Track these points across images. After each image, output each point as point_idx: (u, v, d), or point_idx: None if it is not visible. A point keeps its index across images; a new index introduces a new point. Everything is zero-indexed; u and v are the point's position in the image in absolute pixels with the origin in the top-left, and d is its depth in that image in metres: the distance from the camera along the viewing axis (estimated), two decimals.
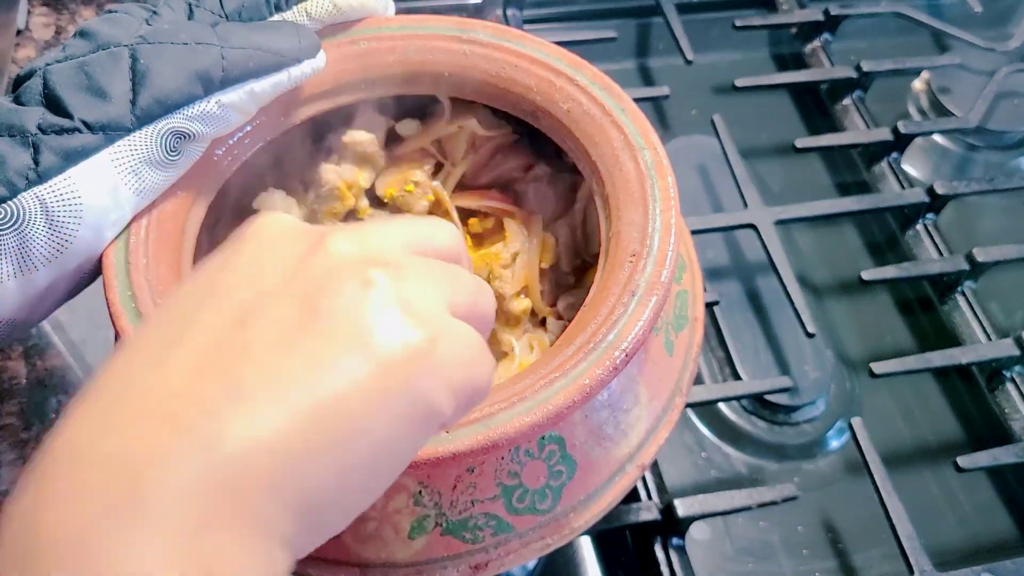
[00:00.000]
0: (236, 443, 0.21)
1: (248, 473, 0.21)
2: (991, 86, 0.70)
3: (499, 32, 0.44)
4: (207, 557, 0.21)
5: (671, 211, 0.38)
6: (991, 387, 0.58)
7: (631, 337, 0.35)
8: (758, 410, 0.58)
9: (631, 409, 0.38)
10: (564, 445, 0.37)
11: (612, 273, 0.37)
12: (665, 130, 0.72)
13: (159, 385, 0.22)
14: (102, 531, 0.20)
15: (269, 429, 0.22)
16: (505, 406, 0.33)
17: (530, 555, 0.37)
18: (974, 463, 0.52)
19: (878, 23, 0.77)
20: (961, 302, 0.61)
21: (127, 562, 0.20)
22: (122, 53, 0.36)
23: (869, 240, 0.68)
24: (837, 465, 0.57)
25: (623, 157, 0.40)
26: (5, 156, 0.34)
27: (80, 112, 0.35)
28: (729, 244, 0.65)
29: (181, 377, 0.23)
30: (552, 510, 0.37)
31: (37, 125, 0.35)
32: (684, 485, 0.55)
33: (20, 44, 0.64)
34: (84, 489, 0.21)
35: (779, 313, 0.61)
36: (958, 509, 0.56)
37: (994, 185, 0.65)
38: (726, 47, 0.77)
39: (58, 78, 0.35)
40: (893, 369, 0.55)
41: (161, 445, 0.21)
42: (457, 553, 0.36)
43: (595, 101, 0.41)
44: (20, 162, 0.34)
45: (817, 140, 0.67)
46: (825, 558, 0.54)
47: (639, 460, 0.39)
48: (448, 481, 0.35)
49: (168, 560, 0.20)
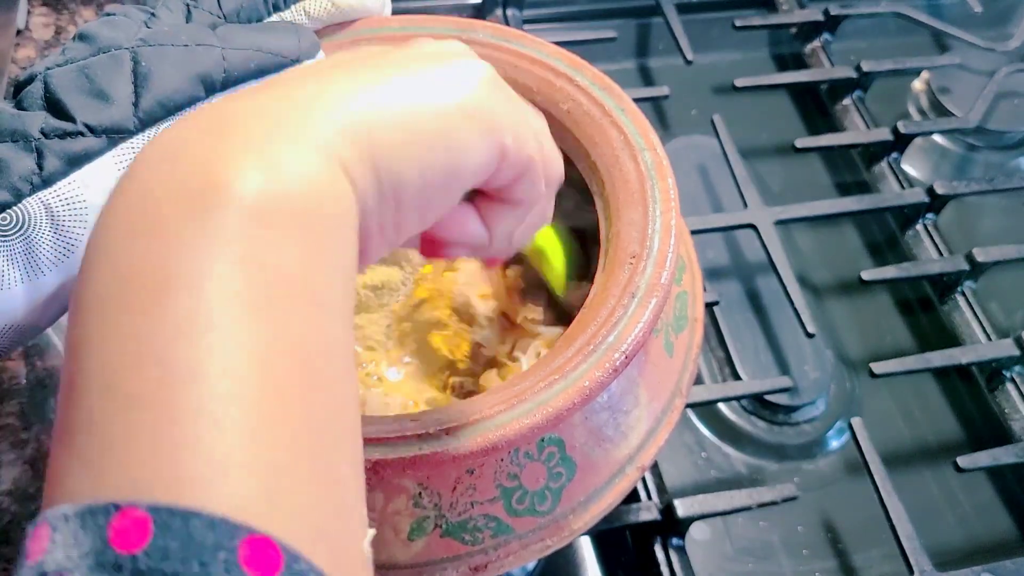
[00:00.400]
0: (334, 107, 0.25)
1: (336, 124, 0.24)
2: (991, 86, 0.70)
3: (499, 32, 0.44)
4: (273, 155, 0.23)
5: (671, 212, 0.38)
6: (991, 387, 0.58)
7: (631, 339, 0.35)
8: (758, 410, 0.58)
9: (631, 410, 0.38)
10: (564, 447, 0.37)
11: (612, 274, 0.37)
12: (665, 130, 0.72)
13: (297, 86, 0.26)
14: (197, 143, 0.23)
15: (362, 103, 0.25)
16: (505, 408, 0.33)
17: (530, 556, 0.37)
18: (974, 463, 0.52)
19: (878, 23, 0.77)
20: (961, 302, 0.61)
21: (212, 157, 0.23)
22: (123, 56, 0.36)
23: (869, 240, 0.68)
24: (837, 465, 0.57)
25: (623, 157, 0.40)
26: (9, 162, 0.34)
27: (82, 115, 0.35)
28: (729, 244, 0.65)
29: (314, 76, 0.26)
30: (552, 512, 0.37)
31: (40, 130, 0.35)
32: (684, 485, 0.55)
33: (20, 44, 0.64)
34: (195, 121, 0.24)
35: (779, 313, 0.61)
36: (958, 509, 0.56)
37: (994, 185, 0.65)
38: (726, 47, 0.77)
39: (59, 82, 0.35)
40: (893, 369, 0.55)
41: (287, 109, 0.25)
42: (457, 554, 0.36)
43: (595, 101, 0.41)
44: (24, 167, 0.34)
45: (817, 140, 0.67)
46: (825, 558, 0.54)
47: (639, 461, 0.39)
48: (448, 483, 0.35)
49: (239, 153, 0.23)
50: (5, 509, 0.47)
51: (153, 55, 0.36)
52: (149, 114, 0.36)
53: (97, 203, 0.35)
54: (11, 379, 0.52)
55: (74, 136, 0.35)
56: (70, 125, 0.35)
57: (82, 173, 0.35)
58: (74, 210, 0.35)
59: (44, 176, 0.34)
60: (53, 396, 0.52)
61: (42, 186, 0.34)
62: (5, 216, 0.34)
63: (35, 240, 0.34)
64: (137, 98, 0.35)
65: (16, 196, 0.34)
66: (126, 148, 0.35)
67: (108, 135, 0.35)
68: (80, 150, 0.35)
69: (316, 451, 0.22)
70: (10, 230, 0.34)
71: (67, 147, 0.34)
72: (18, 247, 0.34)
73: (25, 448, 0.49)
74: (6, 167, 0.34)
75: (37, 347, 0.53)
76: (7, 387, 0.51)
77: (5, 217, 0.34)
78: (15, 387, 0.51)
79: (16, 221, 0.34)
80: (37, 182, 0.34)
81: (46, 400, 0.51)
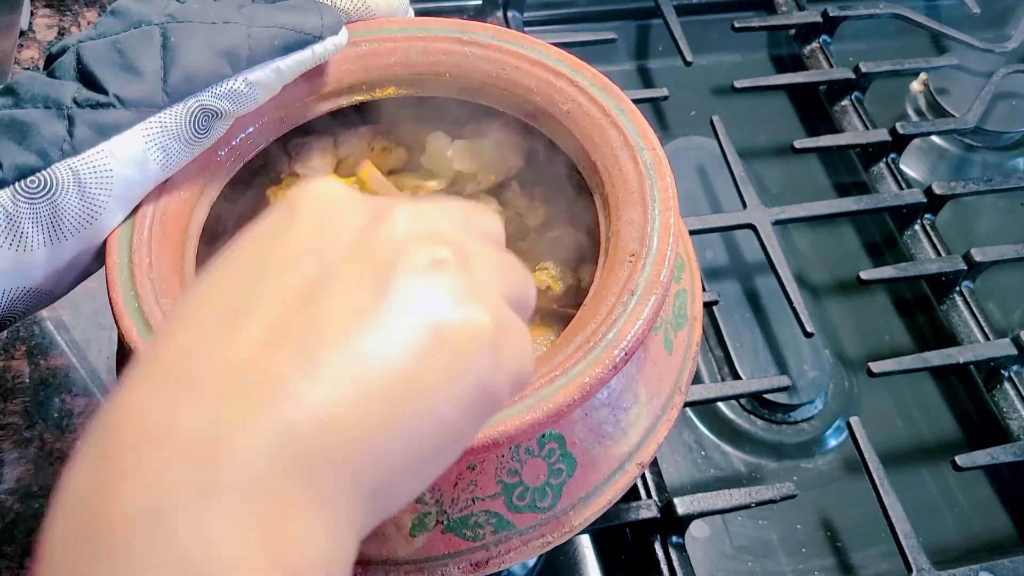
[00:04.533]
0: (311, 419, 0.21)
1: (324, 450, 0.21)
2: (989, 87, 0.71)
3: (499, 34, 0.44)
4: (287, 538, 0.20)
5: (670, 211, 0.38)
6: (989, 386, 0.59)
7: (630, 336, 0.35)
8: (757, 409, 0.58)
9: (630, 407, 0.39)
10: (564, 443, 0.37)
11: (611, 272, 0.37)
12: (664, 131, 0.72)
13: (226, 357, 0.22)
14: (178, 510, 0.19)
15: (343, 405, 0.21)
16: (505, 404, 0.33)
17: (530, 553, 0.37)
18: (972, 462, 0.52)
19: (876, 24, 0.77)
20: (959, 302, 0.61)
21: (207, 543, 0.19)
22: (153, 31, 0.37)
23: (867, 240, 0.68)
24: (835, 464, 0.58)
25: (622, 157, 0.40)
26: (39, 126, 0.35)
27: (114, 88, 0.36)
28: (728, 244, 0.65)
29: (249, 350, 0.22)
30: (552, 508, 0.37)
31: (72, 99, 0.36)
32: (683, 483, 0.56)
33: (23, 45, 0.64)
34: (155, 465, 0.20)
35: (778, 313, 0.61)
36: (956, 508, 0.56)
37: (992, 185, 0.65)
38: (725, 48, 0.77)
39: (92, 55, 0.36)
40: (891, 368, 0.56)
41: (233, 420, 0.20)
42: (458, 550, 0.36)
43: (595, 102, 0.42)
44: (54, 133, 0.35)
45: (815, 141, 0.67)
46: (824, 556, 0.54)
47: (639, 458, 0.39)
48: (449, 479, 0.36)
49: (248, 543, 0.19)
50: (8, 508, 0.48)
51: (181, 31, 0.37)
52: (176, 89, 0.36)
53: (122, 173, 0.36)
54: (15, 378, 0.52)
55: (105, 107, 0.36)
56: (102, 96, 0.36)
57: (110, 143, 0.36)
58: (101, 178, 0.35)
59: (74, 143, 0.35)
60: (56, 396, 0.52)
61: (72, 153, 0.35)
62: (34, 179, 0.35)
63: (61, 205, 0.35)
64: (165, 73, 0.36)
65: (45, 160, 0.35)
66: (154, 122, 0.36)
67: (137, 108, 0.36)
68: (111, 121, 0.36)
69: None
70: (37, 193, 0.35)
71: (98, 117, 0.35)
72: (44, 210, 0.35)
73: (28, 447, 0.50)
74: (36, 130, 0.35)
75: (40, 346, 0.53)
76: (10, 386, 0.52)
77: (34, 180, 0.35)
78: (19, 386, 0.52)
79: (44, 184, 0.35)
80: (67, 149, 0.35)
81: (49, 399, 0.52)
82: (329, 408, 0.21)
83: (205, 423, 0.20)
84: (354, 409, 0.21)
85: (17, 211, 0.35)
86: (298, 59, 0.39)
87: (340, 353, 0.22)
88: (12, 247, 0.35)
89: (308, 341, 0.22)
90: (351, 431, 0.21)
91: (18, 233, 0.35)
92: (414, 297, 0.23)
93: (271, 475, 0.20)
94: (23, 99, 0.36)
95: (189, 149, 0.38)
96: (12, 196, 0.34)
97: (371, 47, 0.44)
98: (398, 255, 0.24)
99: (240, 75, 0.38)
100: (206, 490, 0.19)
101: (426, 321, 0.23)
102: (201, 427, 0.20)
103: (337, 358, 0.22)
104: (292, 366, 0.21)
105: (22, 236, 0.35)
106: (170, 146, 0.37)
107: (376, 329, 0.22)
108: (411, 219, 0.25)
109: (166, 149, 0.37)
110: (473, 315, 0.24)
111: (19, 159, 0.34)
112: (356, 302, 0.23)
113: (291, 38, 0.39)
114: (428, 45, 0.44)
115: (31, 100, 0.36)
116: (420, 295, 0.23)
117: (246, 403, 0.21)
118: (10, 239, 0.35)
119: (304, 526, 0.20)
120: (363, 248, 0.24)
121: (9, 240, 0.35)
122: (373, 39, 0.44)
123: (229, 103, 0.38)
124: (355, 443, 0.21)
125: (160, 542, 0.19)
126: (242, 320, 0.22)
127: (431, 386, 0.23)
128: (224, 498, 0.19)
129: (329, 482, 0.21)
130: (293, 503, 0.20)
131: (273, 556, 0.20)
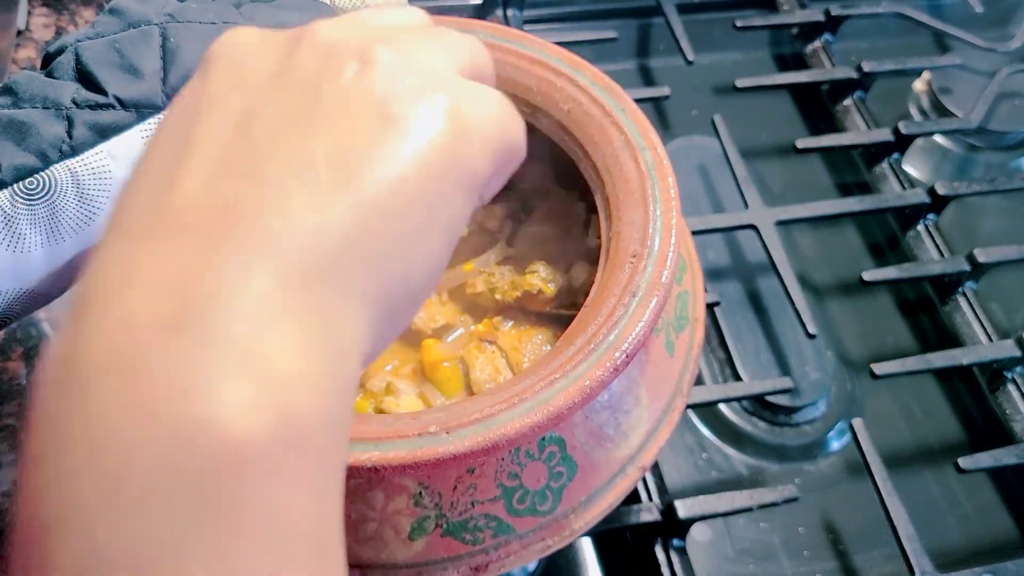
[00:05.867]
0: (290, 238, 0.20)
1: (312, 266, 0.20)
2: (992, 86, 0.70)
3: (499, 32, 0.44)
4: (267, 358, 0.19)
5: (672, 212, 0.38)
6: (992, 388, 0.58)
7: (632, 338, 0.35)
8: (759, 411, 0.58)
9: (632, 410, 0.38)
10: (564, 446, 0.37)
11: (613, 274, 0.37)
12: (666, 130, 0.72)
13: (181, 198, 0.20)
14: (150, 348, 0.18)
15: (321, 218, 0.20)
16: (505, 407, 0.33)
17: (530, 556, 0.37)
18: (975, 464, 0.52)
19: (879, 24, 0.77)
20: (962, 303, 0.61)
21: (179, 374, 0.18)
22: (152, 31, 0.37)
23: (870, 241, 0.68)
24: (838, 466, 0.57)
25: (623, 157, 0.40)
26: (38, 127, 0.35)
27: (114, 89, 0.36)
28: (730, 245, 0.65)
29: (201, 186, 0.21)
30: (552, 511, 0.37)
31: (71, 99, 0.35)
32: (685, 486, 0.55)
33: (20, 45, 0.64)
34: (133, 309, 0.19)
35: (780, 314, 0.61)
36: (959, 510, 0.56)
37: (995, 186, 0.65)
38: (727, 47, 0.77)
39: (91, 55, 0.36)
40: (894, 370, 0.55)
41: (202, 254, 0.19)
42: (457, 554, 0.36)
43: (595, 101, 0.41)
44: (53, 134, 0.35)
45: (818, 140, 0.67)
46: (826, 559, 0.54)
47: (640, 461, 0.39)
48: (448, 482, 0.35)
49: (224, 366, 0.18)
50: (5, 510, 0.47)
51: (181, 31, 0.37)
52: (176, 89, 0.36)
53: (121, 175, 0.36)
54: (11, 380, 0.52)
55: (105, 108, 0.35)
56: (101, 97, 0.35)
57: (109, 144, 0.35)
58: (99, 180, 0.35)
59: (73, 144, 0.35)
60: None
61: (71, 154, 0.35)
62: (32, 181, 0.34)
63: (59, 206, 0.35)
64: (165, 73, 0.36)
65: (44, 161, 0.34)
66: (153, 123, 0.36)
67: (137, 109, 0.36)
68: (110, 122, 0.35)
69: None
70: (36, 195, 0.34)
71: (97, 118, 0.35)
72: (42, 212, 0.35)
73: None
74: (35, 131, 0.35)
75: (37, 348, 0.53)
76: (7, 388, 0.51)
77: (32, 182, 0.34)
78: (16, 388, 0.51)
79: (43, 186, 0.35)
80: (66, 150, 0.35)
81: None
82: (311, 221, 0.20)
83: (167, 267, 0.19)
84: (339, 218, 0.20)
85: (15, 212, 0.34)
86: None
87: (297, 169, 0.21)
88: (10, 248, 0.35)
89: (257, 165, 0.21)
90: (343, 238, 0.20)
91: (16, 234, 0.35)
92: (355, 100, 0.22)
93: (261, 300, 0.19)
94: (22, 99, 0.36)
95: None
96: (11, 197, 0.34)
97: None
98: (323, 64, 0.23)
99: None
100: (175, 327, 0.18)
101: (379, 121, 0.22)
102: (163, 271, 0.19)
103: (297, 174, 0.21)
104: (252, 191, 0.20)
105: (20, 237, 0.35)
106: None
107: (326, 140, 0.21)
108: (334, 28, 0.24)
109: None
110: (428, 101, 0.22)
111: (18, 160, 0.34)
112: (291, 118, 0.22)
113: None
114: None
115: (30, 100, 0.35)
116: (361, 96, 0.22)
117: (208, 239, 0.20)
118: (8, 240, 0.35)
119: (293, 343, 0.19)
120: (284, 68, 0.23)
121: (7, 241, 0.35)
122: None
123: None
124: (350, 248, 0.20)
125: (130, 379, 0.18)
126: (182, 166, 0.21)
127: (410, 184, 0.21)
128: (200, 332, 0.18)
129: (328, 296, 0.20)
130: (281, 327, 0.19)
131: (256, 374, 0.18)
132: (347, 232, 0.20)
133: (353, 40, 0.23)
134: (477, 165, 0.23)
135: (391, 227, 0.21)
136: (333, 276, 0.20)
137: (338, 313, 0.20)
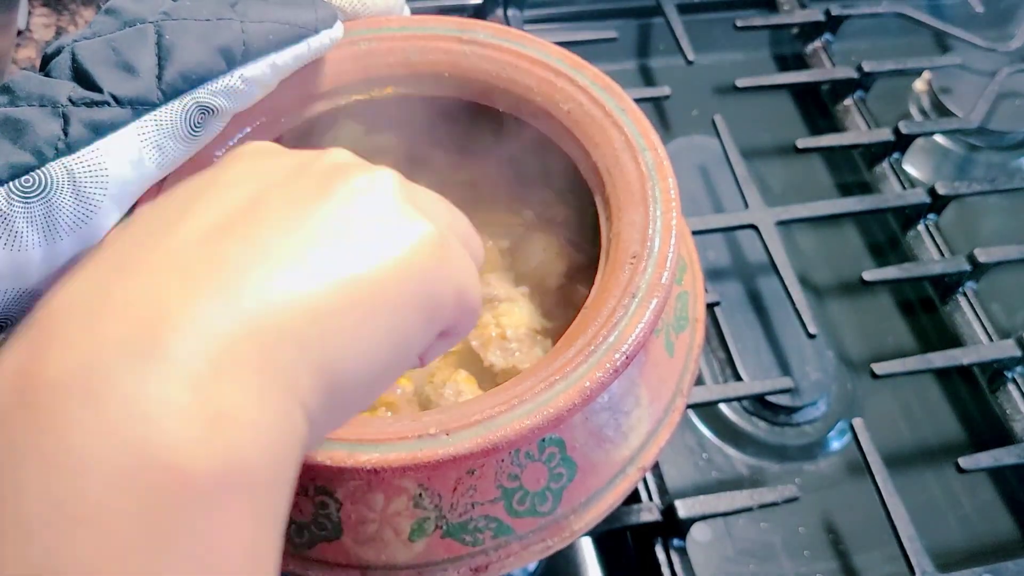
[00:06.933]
0: (263, 297, 0.21)
1: (275, 327, 0.21)
2: (992, 86, 0.70)
3: (500, 32, 0.44)
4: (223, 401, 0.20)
5: (672, 212, 0.38)
6: (992, 388, 0.58)
7: (632, 339, 0.34)
8: (759, 411, 0.58)
9: (632, 411, 0.38)
10: (564, 447, 0.37)
11: (612, 274, 0.37)
12: (666, 130, 0.72)
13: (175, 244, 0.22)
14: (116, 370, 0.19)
15: (297, 288, 0.22)
16: (505, 409, 0.33)
17: (530, 557, 0.37)
18: (975, 464, 0.52)
19: (879, 23, 0.77)
20: (962, 303, 0.61)
21: (141, 399, 0.19)
22: (147, 29, 0.37)
23: (870, 241, 0.68)
24: (838, 466, 0.57)
25: (624, 158, 0.40)
26: (34, 124, 0.35)
27: (110, 86, 0.36)
28: (730, 245, 0.65)
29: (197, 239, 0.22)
30: (553, 512, 0.37)
31: (68, 97, 0.35)
32: (685, 486, 0.55)
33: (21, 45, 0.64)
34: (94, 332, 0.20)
35: (780, 314, 0.61)
36: (959, 510, 0.56)
37: (995, 185, 0.65)
38: (727, 47, 0.77)
39: (87, 54, 0.36)
40: (894, 370, 0.55)
41: (182, 293, 0.21)
42: (457, 555, 0.36)
43: (596, 101, 0.41)
44: (49, 131, 0.35)
45: (818, 140, 0.67)
46: (826, 559, 0.54)
47: (640, 462, 0.39)
48: (448, 483, 0.35)
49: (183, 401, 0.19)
50: None
51: (176, 28, 0.37)
52: (172, 86, 0.36)
53: (118, 172, 0.36)
54: None
55: (101, 105, 0.35)
56: (97, 95, 0.35)
57: (105, 142, 0.35)
58: (95, 177, 0.35)
59: (69, 142, 0.35)
60: None
61: (66, 152, 0.35)
62: (28, 179, 0.34)
63: (56, 204, 0.35)
64: (161, 71, 0.36)
65: (39, 159, 0.34)
66: (149, 120, 0.36)
67: (133, 106, 0.36)
68: (106, 119, 0.35)
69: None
70: (32, 193, 0.34)
71: (93, 115, 0.35)
72: (38, 210, 0.35)
73: None
74: (30, 129, 0.35)
75: None
76: None
77: (28, 180, 0.34)
78: None
79: (39, 184, 0.34)
80: (62, 147, 0.35)
81: None
82: (281, 288, 0.22)
83: (151, 296, 0.21)
84: (307, 291, 0.22)
85: (11, 210, 0.34)
86: (294, 53, 0.39)
87: (289, 242, 0.23)
88: (7, 247, 0.35)
89: (255, 231, 0.22)
90: (304, 311, 0.22)
91: (12, 233, 0.35)
92: (357, 201, 0.24)
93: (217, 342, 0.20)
94: (18, 97, 0.36)
95: (185, 147, 0.37)
96: (7, 195, 0.34)
97: (369, 46, 0.43)
98: (337, 171, 0.25)
99: (236, 71, 0.37)
100: (148, 354, 0.19)
101: (373, 223, 0.24)
102: (147, 299, 0.21)
103: (287, 246, 0.22)
104: (241, 250, 0.22)
105: (17, 236, 0.35)
106: (166, 144, 0.37)
107: (323, 225, 0.23)
108: (349, 155, 0.26)
109: (162, 147, 0.37)
110: (418, 223, 0.25)
111: (13, 158, 0.34)
112: (299, 203, 0.24)
113: (285, 33, 0.38)
114: (427, 44, 0.43)
115: (26, 99, 0.35)
116: (363, 200, 0.24)
117: (196, 280, 0.21)
118: (4, 239, 0.35)
119: (246, 390, 0.20)
120: (300, 171, 0.25)
121: (3, 240, 0.35)
122: (372, 38, 0.43)
123: (225, 100, 0.37)
124: (307, 322, 0.22)
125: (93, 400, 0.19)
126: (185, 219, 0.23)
127: (380, 283, 0.23)
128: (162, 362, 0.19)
129: (279, 357, 0.21)
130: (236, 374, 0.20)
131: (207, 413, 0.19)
132: (316, 307, 0.22)
133: (366, 164, 0.26)
134: (441, 296, 0.25)
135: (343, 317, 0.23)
136: (291, 341, 0.22)
137: (292, 377, 0.21)
